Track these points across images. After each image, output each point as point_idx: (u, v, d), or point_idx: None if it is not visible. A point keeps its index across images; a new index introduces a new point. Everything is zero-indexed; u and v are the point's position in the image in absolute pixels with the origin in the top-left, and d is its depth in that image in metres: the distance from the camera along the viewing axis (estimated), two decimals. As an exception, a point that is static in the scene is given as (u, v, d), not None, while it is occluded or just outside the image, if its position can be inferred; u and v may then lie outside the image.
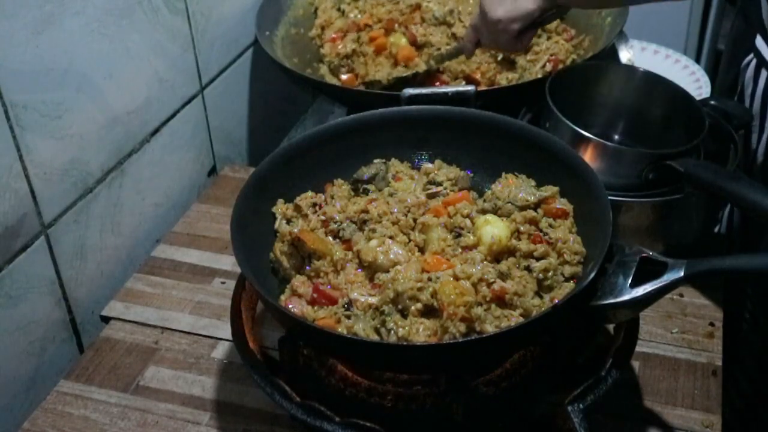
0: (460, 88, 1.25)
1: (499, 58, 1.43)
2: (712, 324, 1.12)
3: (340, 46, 1.47)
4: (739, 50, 1.37)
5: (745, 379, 1.39)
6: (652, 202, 1.13)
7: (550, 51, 1.42)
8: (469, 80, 1.41)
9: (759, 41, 1.30)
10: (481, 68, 1.42)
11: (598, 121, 1.28)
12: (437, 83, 1.41)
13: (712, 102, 1.25)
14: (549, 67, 1.40)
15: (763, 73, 1.29)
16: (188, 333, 1.14)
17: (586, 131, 1.13)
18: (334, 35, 1.50)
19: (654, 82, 1.25)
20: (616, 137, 1.28)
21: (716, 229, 1.39)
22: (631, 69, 1.29)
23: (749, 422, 1.42)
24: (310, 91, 1.73)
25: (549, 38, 1.45)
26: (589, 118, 1.26)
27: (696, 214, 1.18)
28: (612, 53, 1.42)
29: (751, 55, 1.33)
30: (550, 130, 1.14)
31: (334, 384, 0.95)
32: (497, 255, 0.96)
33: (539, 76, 1.39)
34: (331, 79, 1.48)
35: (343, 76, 1.47)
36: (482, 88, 1.38)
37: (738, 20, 1.41)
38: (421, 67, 1.42)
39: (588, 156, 1.12)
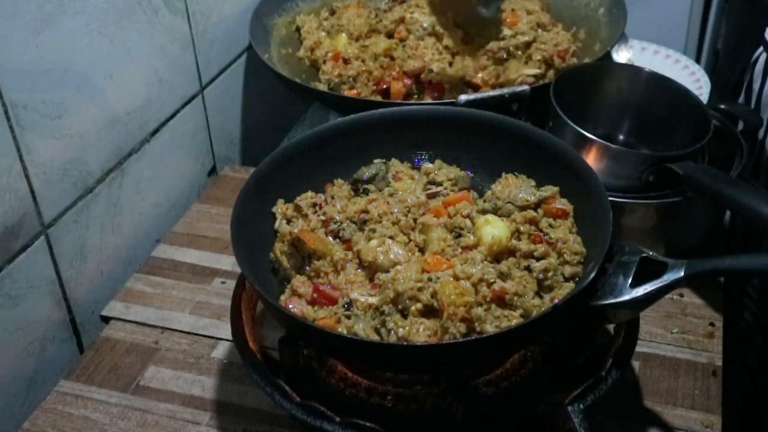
0: (517, 89, 1.25)
1: (504, 57, 1.41)
2: (712, 324, 1.12)
3: (341, 69, 1.42)
4: (745, 45, 1.37)
5: (746, 379, 1.39)
6: (655, 204, 1.13)
7: (554, 41, 1.42)
8: (470, 86, 1.39)
9: None
10: (481, 74, 1.40)
11: (604, 122, 1.28)
12: (436, 93, 1.39)
13: (722, 105, 1.25)
14: (557, 62, 1.39)
15: None
16: (188, 333, 1.14)
17: (591, 132, 1.13)
18: (334, 53, 1.46)
19: (660, 84, 1.25)
20: (621, 138, 1.28)
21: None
22: (636, 69, 1.29)
23: (749, 422, 1.42)
24: (312, 102, 1.70)
25: (548, 31, 1.45)
26: (595, 119, 1.26)
27: (700, 217, 1.18)
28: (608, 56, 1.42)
29: (761, 49, 1.32)
30: (553, 130, 1.14)
31: (334, 384, 0.95)
32: (497, 255, 0.96)
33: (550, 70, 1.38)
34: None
35: (346, 93, 1.42)
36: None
37: (744, 16, 1.40)
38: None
39: (590, 157, 1.12)
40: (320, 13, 1.58)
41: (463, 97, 1.23)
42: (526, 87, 1.25)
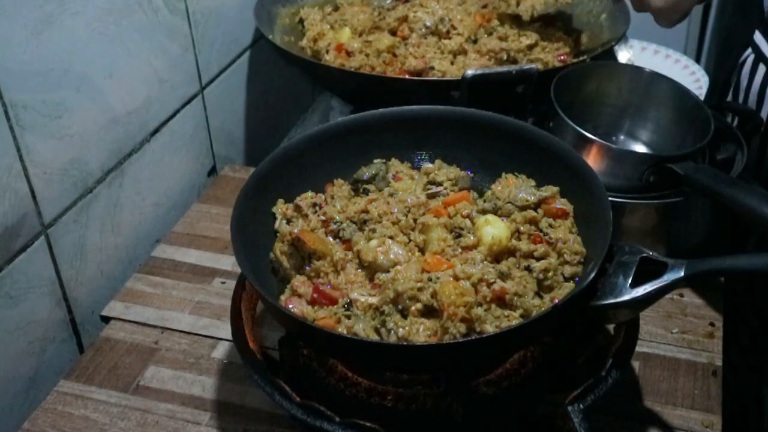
0: (524, 66, 1.24)
1: (504, 58, 1.41)
2: (712, 324, 1.12)
3: (343, 60, 1.41)
4: (734, 46, 1.37)
5: (738, 379, 1.39)
6: (656, 204, 1.13)
7: (556, 45, 1.42)
8: None
9: (758, 36, 1.30)
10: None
11: (604, 122, 1.28)
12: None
13: (723, 106, 1.25)
14: (558, 64, 1.39)
15: (761, 68, 1.29)
16: (188, 333, 1.14)
17: (591, 132, 1.13)
18: (338, 44, 1.45)
19: (660, 84, 1.25)
20: (622, 138, 1.28)
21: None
22: (636, 69, 1.29)
23: (748, 421, 1.42)
24: (314, 85, 1.70)
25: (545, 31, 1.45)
26: (595, 118, 1.26)
27: (701, 218, 1.17)
28: (610, 54, 1.42)
29: (749, 50, 1.33)
30: (553, 130, 1.14)
31: (334, 384, 0.95)
32: (497, 255, 0.96)
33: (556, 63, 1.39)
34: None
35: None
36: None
37: (734, 16, 1.41)
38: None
39: (590, 157, 1.12)
40: (324, 8, 1.58)
41: (470, 72, 1.22)
42: (533, 65, 1.24)
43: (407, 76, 1.38)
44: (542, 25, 1.47)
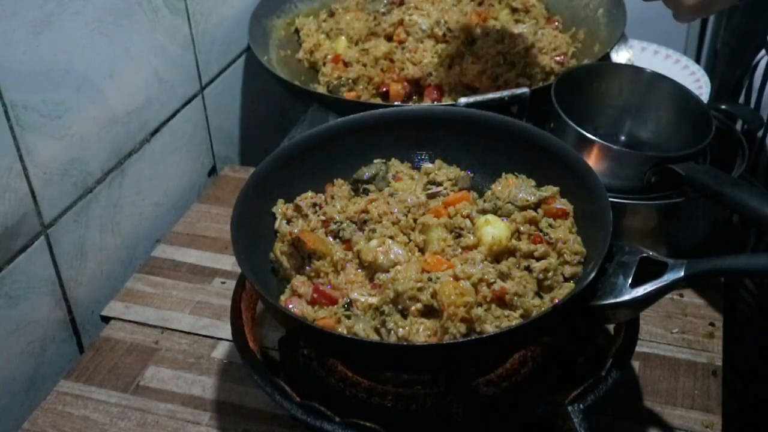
0: (516, 92, 1.25)
1: (501, 62, 1.41)
2: (712, 324, 1.12)
3: (341, 71, 1.42)
4: (746, 48, 1.37)
5: (744, 378, 1.39)
6: (657, 205, 1.13)
7: (553, 45, 1.42)
8: (469, 88, 1.39)
9: None
10: (482, 79, 1.38)
11: (605, 122, 1.27)
12: (435, 94, 1.38)
13: (723, 106, 1.24)
14: (557, 69, 1.39)
15: None
16: (188, 333, 1.14)
17: (592, 132, 1.13)
18: (334, 55, 1.46)
19: (661, 84, 1.24)
20: (623, 138, 1.28)
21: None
22: (637, 70, 1.29)
23: (748, 421, 1.42)
24: (311, 104, 1.69)
25: (542, 29, 1.45)
26: (596, 119, 1.26)
27: (702, 218, 1.17)
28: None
29: (763, 52, 1.32)
30: (554, 131, 1.14)
31: (334, 384, 0.95)
32: (497, 255, 0.96)
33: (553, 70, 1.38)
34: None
35: (345, 96, 1.41)
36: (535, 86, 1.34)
37: (747, 18, 1.40)
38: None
39: (591, 158, 1.12)
40: (319, 15, 1.58)
41: (462, 100, 1.23)
42: (525, 89, 1.25)
43: (405, 84, 1.38)
44: (537, 23, 1.47)
